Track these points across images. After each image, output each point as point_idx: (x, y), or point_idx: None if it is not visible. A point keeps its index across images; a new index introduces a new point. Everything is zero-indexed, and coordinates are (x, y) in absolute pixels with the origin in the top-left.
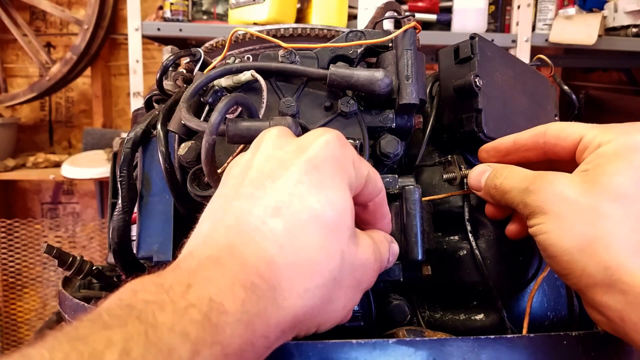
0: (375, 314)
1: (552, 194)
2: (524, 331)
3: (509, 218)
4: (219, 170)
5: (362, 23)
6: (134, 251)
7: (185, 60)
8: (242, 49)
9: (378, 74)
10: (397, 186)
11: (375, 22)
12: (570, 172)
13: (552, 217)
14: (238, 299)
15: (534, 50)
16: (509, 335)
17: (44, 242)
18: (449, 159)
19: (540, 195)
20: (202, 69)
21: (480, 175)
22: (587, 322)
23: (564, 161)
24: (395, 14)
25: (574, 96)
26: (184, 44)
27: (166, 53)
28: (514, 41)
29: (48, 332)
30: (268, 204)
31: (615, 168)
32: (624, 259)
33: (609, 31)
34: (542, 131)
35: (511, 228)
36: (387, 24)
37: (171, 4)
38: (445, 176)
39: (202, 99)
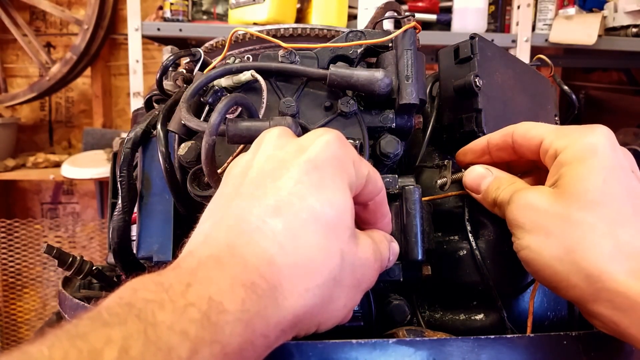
0: (375, 314)
1: (525, 206)
2: (528, 331)
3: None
4: (219, 171)
5: (362, 23)
6: (134, 251)
7: (185, 60)
8: (242, 49)
9: (378, 74)
10: (397, 186)
11: (375, 22)
12: (544, 169)
13: (528, 231)
14: (238, 298)
15: (534, 50)
16: (509, 335)
17: (44, 242)
18: (445, 163)
19: (514, 208)
20: (202, 69)
21: (479, 179)
22: (587, 322)
23: (538, 160)
24: (395, 14)
25: (574, 96)
26: (184, 44)
27: (166, 53)
28: (514, 41)
29: (48, 331)
30: (268, 204)
31: (579, 174)
32: (603, 266)
33: (609, 31)
34: (511, 132)
35: None
36: (387, 24)
37: (171, 4)
38: (439, 182)
39: (202, 99)
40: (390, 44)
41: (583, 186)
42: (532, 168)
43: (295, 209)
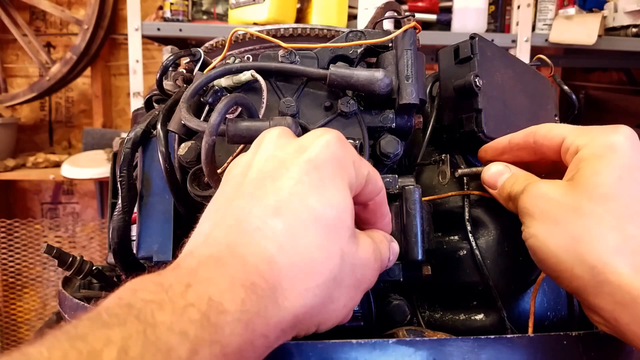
0: (375, 314)
1: (536, 196)
2: (530, 330)
3: (508, 218)
4: (219, 171)
5: (362, 23)
6: (134, 251)
7: (185, 60)
8: (242, 49)
9: (378, 74)
10: (397, 186)
11: (375, 22)
12: (564, 171)
13: (537, 219)
14: (237, 299)
15: (534, 50)
16: (509, 335)
17: (44, 242)
18: (442, 157)
19: (526, 196)
20: (202, 69)
21: (497, 175)
22: (587, 322)
23: (559, 161)
24: (395, 14)
25: (573, 96)
26: (184, 44)
27: (166, 53)
28: (514, 41)
29: (48, 331)
30: (268, 204)
31: (595, 169)
32: (607, 258)
33: (609, 31)
34: (533, 131)
35: None
36: (387, 24)
37: (171, 4)
38: (440, 177)
39: (202, 99)
40: (390, 44)
41: (597, 180)
42: (552, 171)
43: (295, 209)
